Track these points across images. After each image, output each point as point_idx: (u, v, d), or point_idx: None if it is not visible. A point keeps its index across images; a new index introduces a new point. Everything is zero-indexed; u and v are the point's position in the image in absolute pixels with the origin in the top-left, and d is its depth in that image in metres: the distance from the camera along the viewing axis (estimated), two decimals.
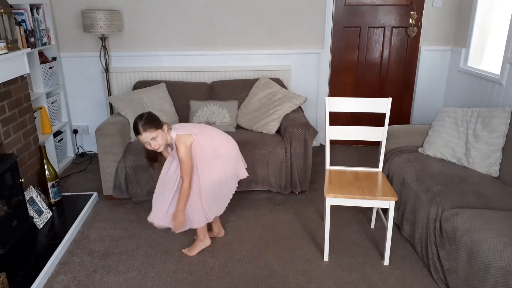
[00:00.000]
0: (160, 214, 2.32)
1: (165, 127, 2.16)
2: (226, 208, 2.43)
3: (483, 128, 2.54)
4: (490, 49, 3.46)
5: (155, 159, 2.34)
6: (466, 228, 1.96)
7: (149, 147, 2.14)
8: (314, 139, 3.03)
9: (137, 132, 2.10)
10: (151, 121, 2.10)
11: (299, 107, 3.39)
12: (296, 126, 2.98)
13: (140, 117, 2.12)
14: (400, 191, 2.57)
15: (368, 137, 2.51)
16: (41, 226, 2.60)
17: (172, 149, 2.28)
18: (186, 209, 2.27)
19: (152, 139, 2.09)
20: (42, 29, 3.38)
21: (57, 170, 3.24)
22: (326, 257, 2.37)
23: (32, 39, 3.16)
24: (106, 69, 3.68)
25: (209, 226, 2.51)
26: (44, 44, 3.41)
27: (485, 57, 3.50)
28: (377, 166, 2.54)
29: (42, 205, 2.68)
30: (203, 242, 2.46)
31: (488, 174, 2.49)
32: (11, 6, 2.67)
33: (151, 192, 2.99)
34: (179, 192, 2.23)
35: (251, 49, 3.85)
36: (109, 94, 3.74)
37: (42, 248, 2.40)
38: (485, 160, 2.49)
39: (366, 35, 3.88)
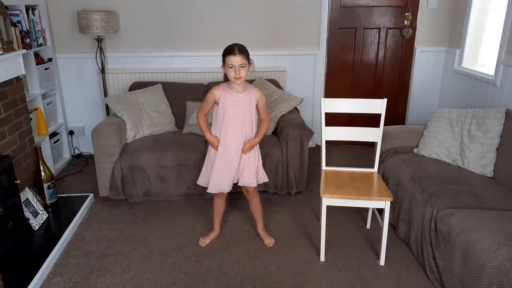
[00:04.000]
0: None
1: (251, 65, 2.22)
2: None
3: (477, 129, 2.56)
4: (484, 50, 3.48)
5: None
6: (461, 228, 1.98)
7: (232, 73, 2.15)
8: (310, 140, 3.04)
9: (231, 53, 2.13)
10: (246, 51, 2.17)
11: (295, 108, 3.39)
12: (292, 127, 2.99)
13: (235, 44, 2.18)
14: (396, 191, 2.58)
15: (363, 137, 2.52)
16: (36, 228, 2.59)
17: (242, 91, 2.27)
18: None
19: (240, 65, 2.13)
20: (38, 30, 3.37)
21: (53, 171, 3.23)
22: (322, 258, 2.37)
23: (28, 40, 3.15)
24: (102, 70, 3.68)
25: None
26: (39, 45, 3.40)
27: (479, 58, 3.53)
28: (372, 166, 2.55)
29: (38, 206, 2.67)
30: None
31: (483, 174, 2.50)
32: (6, 7, 2.66)
33: (147, 193, 3.02)
34: (259, 131, 2.35)
35: None
36: (105, 95, 3.73)
37: (38, 250, 2.39)
38: (479, 161, 2.51)
39: (362, 36, 3.89)
